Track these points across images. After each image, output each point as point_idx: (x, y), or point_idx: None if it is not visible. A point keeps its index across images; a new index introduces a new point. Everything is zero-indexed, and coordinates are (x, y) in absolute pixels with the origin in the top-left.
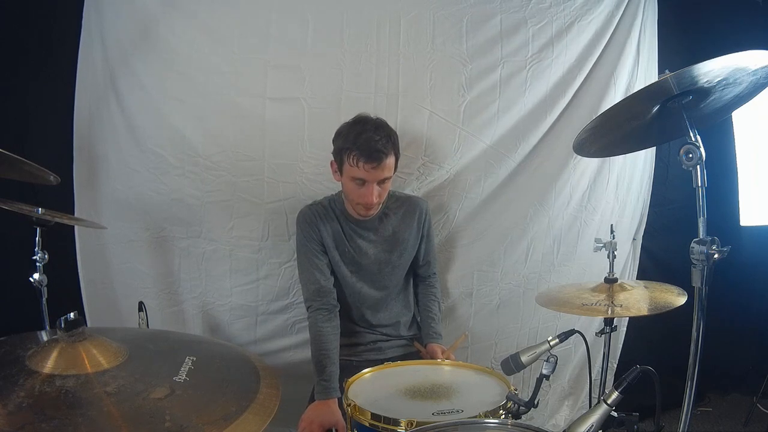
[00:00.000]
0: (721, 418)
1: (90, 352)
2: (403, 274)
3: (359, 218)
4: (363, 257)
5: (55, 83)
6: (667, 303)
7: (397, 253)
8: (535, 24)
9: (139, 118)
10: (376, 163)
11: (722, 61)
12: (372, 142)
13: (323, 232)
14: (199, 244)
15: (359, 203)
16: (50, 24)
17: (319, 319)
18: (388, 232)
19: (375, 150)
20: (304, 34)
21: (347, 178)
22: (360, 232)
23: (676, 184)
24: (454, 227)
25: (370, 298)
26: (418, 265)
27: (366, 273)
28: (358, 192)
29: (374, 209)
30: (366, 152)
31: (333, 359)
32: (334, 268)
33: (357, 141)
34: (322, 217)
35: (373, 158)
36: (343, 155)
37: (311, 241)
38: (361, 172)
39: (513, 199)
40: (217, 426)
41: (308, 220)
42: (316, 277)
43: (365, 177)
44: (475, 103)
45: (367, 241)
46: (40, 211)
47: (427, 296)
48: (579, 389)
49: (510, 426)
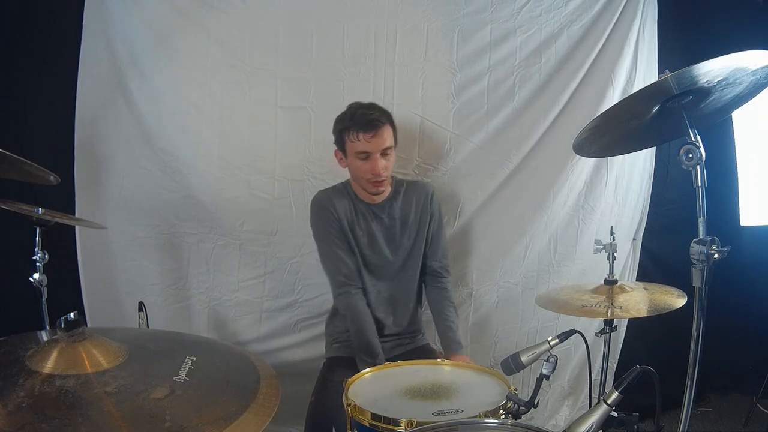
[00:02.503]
0: (721, 418)
1: (90, 352)
2: (416, 266)
3: (369, 201)
4: (373, 240)
5: (56, 83)
6: (667, 305)
7: (407, 236)
8: (523, 32)
9: (151, 120)
10: (374, 131)
11: (722, 61)
12: (366, 115)
13: (339, 211)
14: (209, 239)
15: (368, 179)
16: (50, 23)
17: (356, 299)
18: (397, 213)
19: (371, 119)
20: (308, 47)
21: (352, 157)
22: (370, 214)
23: (676, 184)
24: (454, 227)
25: (384, 290)
26: (428, 255)
27: (378, 257)
28: (365, 167)
29: (384, 185)
30: (363, 124)
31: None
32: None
33: (353, 117)
34: (337, 197)
35: (370, 127)
36: (343, 135)
37: (331, 224)
38: (363, 144)
39: (512, 200)
40: (217, 426)
41: (322, 204)
42: (344, 261)
43: (367, 148)
44: (464, 109)
45: (376, 223)
46: (40, 211)
47: (440, 302)
48: (579, 389)
49: (510, 426)
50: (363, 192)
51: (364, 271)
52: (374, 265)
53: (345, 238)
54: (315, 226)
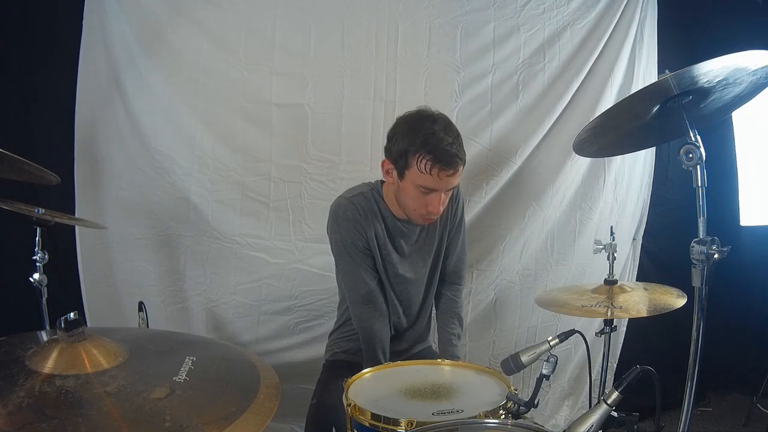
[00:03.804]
0: (721, 418)
1: (90, 352)
2: (437, 274)
3: (403, 218)
4: (403, 256)
5: (56, 83)
6: (667, 305)
7: (435, 245)
8: (527, 30)
9: (146, 119)
10: (453, 170)
11: (722, 61)
12: (446, 145)
13: (369, 229)
14: (205, 242)
15: (421, 213)
16: (51, 24)
17: (373, 321)
18: (428, 226)
19: (451, 155)
20: (306, 42)
21: (410, 184)
22: (403, 230)
23: (676, 184)
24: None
25: (408, 302)
26: (445, 258)
27: (409, 271)
28: (423, 200)
29: (434, 221)
30: (442, 158)
31: (387, 355)
32: (379, 268)
33: (433, 146)
34: (368, 216)
35: (450, 165)
36: (409, 158)
37: (357, 241)
38: (433, 180)
39: (513, 200)
40: (217, 426)
41: (349, 216)
42: (365, 280)
43: (437, 186)
44: (468, 108)
45: (407, 239)
46: (40, 211)
47: (447, 311)
48: (579, 389)
49: (510, 426)
50: (399, 210)
51: (390, 285)
52: (402, 278)
53: (370, 255)
54: (336, 237)
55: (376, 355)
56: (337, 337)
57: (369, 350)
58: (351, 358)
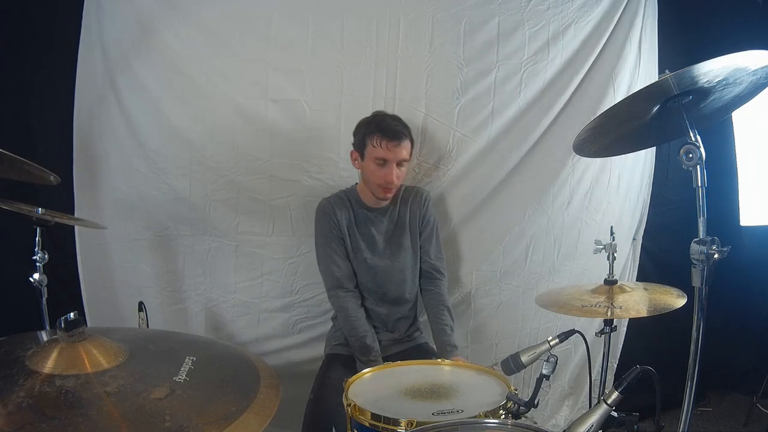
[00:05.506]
0: (721, 418)
1: (90, 352)
2: (415, 267)
3: (372, 205)
4: (373, 243)
5: (56, 83)
6: (667, 305)
7: (405, 238)
8: (532, 27)
9: (140, 118)
10: (397, 141)
11: (722, 61)
12: (392, 125)
13: (340, 217)
14: (203, 241)
15: (380, 184)
16: (51, 23)
17: (346, 301)
18: (396, 217)
19: (395, 131)
20: (304, 36)
21: (369, 161)
22: (372, 218)
23: (676, 184)
24: (453, 228)
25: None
26: (422, 257)
27: (379, 260)
28: (380, 173)
29: (392, 192)
30: (388, 133)
31: (372, 335)
32: (350, 254)
33: (379, 125)
34: (339, 206)
35: (394, 137)
36: (366, 139)
37: (331, 231)
38: (383, 151)
39: (511, 200)
40: (217, 426)
41: (327, 211)
42: (338, 265)
43: (387, 156)
44: (470, 106)
45: (377, 227)
46: (40, 211)
47: (435, 305)
48: (579, 389)
49: (510, 426)
50: (368, 196)
51: (366, 274)
52: (375, 267)
53: (342, 243)
54: (316, 232)
55: (357, 333)
56: (333, 331)
57: (350, 330)
58: (347, 351)
